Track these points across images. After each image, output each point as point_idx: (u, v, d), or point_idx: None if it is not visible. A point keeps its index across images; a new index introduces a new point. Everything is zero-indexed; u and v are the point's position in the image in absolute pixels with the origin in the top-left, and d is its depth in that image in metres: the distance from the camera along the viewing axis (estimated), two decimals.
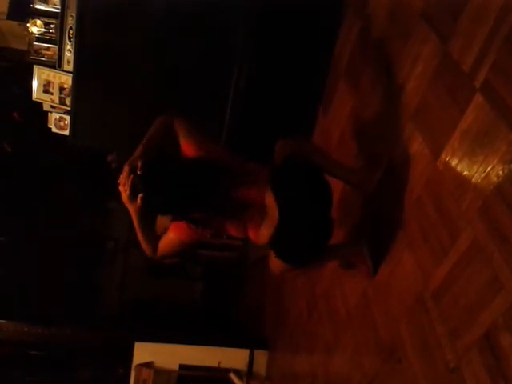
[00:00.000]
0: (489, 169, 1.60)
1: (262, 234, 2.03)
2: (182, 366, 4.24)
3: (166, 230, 2.15)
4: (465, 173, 1.72)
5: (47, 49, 3.55)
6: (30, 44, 3.61)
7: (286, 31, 3.24)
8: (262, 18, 3.13)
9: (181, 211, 2.01)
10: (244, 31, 3.14)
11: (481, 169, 1.64)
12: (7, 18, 4.25)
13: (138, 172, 1.88)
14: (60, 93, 3.49)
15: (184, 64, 3.24)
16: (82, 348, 4.62)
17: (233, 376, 4.14)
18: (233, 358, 4.23)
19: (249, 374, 4.19)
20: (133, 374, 4.14)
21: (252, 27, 3.13)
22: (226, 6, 3.12)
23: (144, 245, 2.15)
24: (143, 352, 4.20)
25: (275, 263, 2.13)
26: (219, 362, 4.22)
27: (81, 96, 3.31)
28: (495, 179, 1.56)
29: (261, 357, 4.23)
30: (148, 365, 4.17)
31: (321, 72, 3.36)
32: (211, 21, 3.16)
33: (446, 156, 1.85)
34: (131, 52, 3.21)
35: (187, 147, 2.03)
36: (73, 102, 3.34)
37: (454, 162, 1.80)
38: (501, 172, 1.54)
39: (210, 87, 3.30)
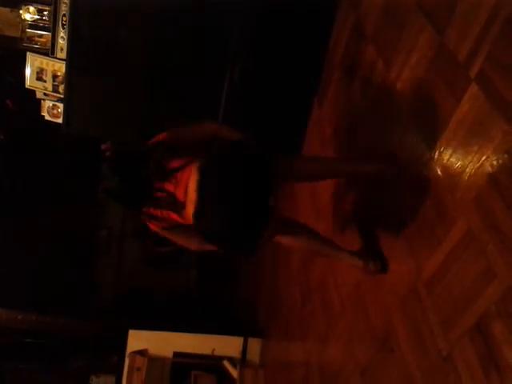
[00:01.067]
0: (483, 159, 1.60)
1: (188, 211, 1.94)
2: (176, 354, 4.27)
3: None
4: (459, 163, 1.73)
5: (40, 36, 3.52)
6: (23, 31, 3.58)
7: (280, 23, 3.22)
8: (256, 10, 3.11)
9: (130, 203, 2.05)
10: (239, 24, 3.13)
11: (475, 159, 1.64)
12: None
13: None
14: (53, 80, 3.46)
15: (178, 54, 3.22)
16: (76, 336, 4.63)
17: (227, 363, 4.17)
18: (227, 345, 4.26)
19: (242, 361, 4.22)
20: (127, 361, 4.16)
21: (247, 20, 3.12)
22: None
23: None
24: (137, 339, 4.22)
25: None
26: (213, 350, 4.25)
27: (74, 84, 3.29)
28: (489, 169, 1.57)
29: (255, 345, 4.26)
30: (142, 352, 4.19)
31: (316, 63, 3.35)
32: (206, 12, 3.14)
33: (440, 146, 1.86)
34: (125, 39, 3.19)
35: None
36: (66, 89, 3.32)
37: (448, 152, 1.80)
38: (495, 162, 1.55)
39: (204, 77, 3.29)
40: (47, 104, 3.61)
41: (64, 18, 3.22)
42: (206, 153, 1.95)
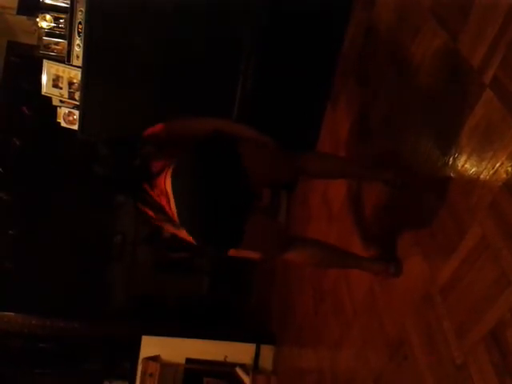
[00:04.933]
0: (498, 165, 1.59)
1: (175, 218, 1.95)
2: (188, 360, 4.27)
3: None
4: (473, 169, 1.72)
5: (56, 43, 3.57)
6: (40, 39, 3.63)
7: (294, 27, 3.24)
8: (271, 14, 3.13)
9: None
10: (252, 25, 3.14)
11: (489, 165, 1.63)
12: (17, 13, 4.27)
13: None
14: (69, 87, 3.51)
15: (193, 60, 3.25)
16: (89, 341, 4.65)
17: (239, 370, 4.16)
18: (239, 352, 4.25)
19: (255, 368, 4.21)
20: (140, 367, 4.17)
21: (261, 24, 3.13)
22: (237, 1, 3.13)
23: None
24: (150, 345, 4.23)
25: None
26: (225, 357, 4.24)
27: (90, 91, 3.32)
28: (504, 176, 1.56)
29: (267, 351, 4.25)
30: (155, 358, 4.20)
31: (329, 67, 3.36)
32: (221, 15, 3.16)
33: (454, 152, 1.85)
34: (140, 46, 3.22)
35: None
36: (82, 96, 3.36)
37: (462, 159, 1.79)
38: (510, 168, 1.53)
39: (218, 79, 3.30)
40: (63, 111, 3.65)
41: (80, 26, 3.26)
42: (180, 154, 1.94)
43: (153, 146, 2.02)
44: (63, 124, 3.67)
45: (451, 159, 1.86)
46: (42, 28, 3.58)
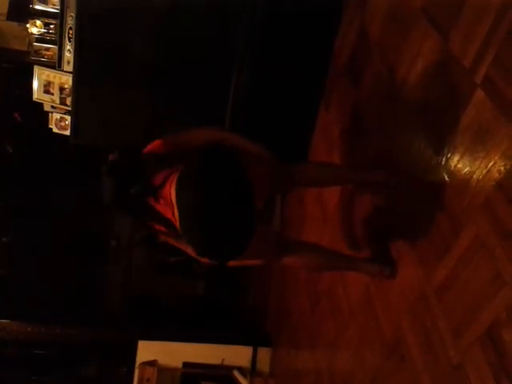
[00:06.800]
0: (490, 165, 1.59)
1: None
2: (185, 364, 4.26)
3: None
4: (466, 169, 1.72)
5: (47, 49, 3.56)
6: (30, 44, 3.62)
7: (286, 26, 3.24)
8: (264, 14, 3.13)
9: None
10: (245, 26, 3.14)
11: (482, 165, 1.63)
12: (7, 19, 4.25)
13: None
14: (60, 93, 3.49)
15: (185, 63, 3.24)
16: (85, 347, 4.63)
17: (236, 373, 4.15)
18: (236, 355, 4.24)
19: (252, 371, 4.20)
20: (136, 372, 4.15)
21: (254, 23, 3.13)
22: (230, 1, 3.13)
23: None
24: (147, 350, 4.22)
25: None
26: (223, 360, 4.23)
27: (81, 96, 3.31)
28: (497, 175, 1.56)
29: (264, 354, 4.24)
30: (152, 363, 4.18)
31: (322, 67, 3.36)
32: (214, 15, 3.16)
33: (447, 151, 1.85)
34: (131, 50, 3.21)
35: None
36: (73, 102, 3.34)
37: (455, 158, 1.80)
38: (502, 168, 1.54)
39: (210, 83, 3.30)
40: (55, 116, 3.64)
41: (70, 31, 3.25)
42: (184, 163, 1.88)
43: (153, 164, 1.98)
44: (55, 130, 3.65)
45: (444, 159, 1.86)
46: (32, 34, 3.57)
